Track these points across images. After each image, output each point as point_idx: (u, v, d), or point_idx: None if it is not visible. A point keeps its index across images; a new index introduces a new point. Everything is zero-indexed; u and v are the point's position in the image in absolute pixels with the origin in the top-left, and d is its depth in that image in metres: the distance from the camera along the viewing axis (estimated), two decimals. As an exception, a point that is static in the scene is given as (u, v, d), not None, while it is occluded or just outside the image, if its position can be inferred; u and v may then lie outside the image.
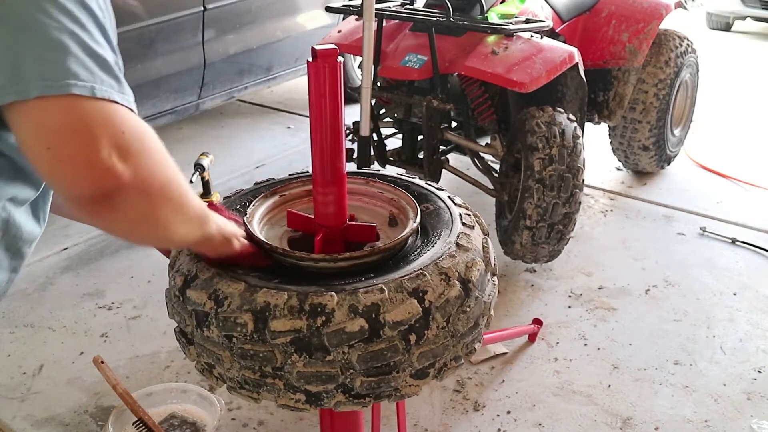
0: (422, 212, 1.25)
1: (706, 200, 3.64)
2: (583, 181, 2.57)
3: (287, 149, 4.27)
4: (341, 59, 1.09)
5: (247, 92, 4.33)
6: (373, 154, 2.89)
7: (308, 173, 1.32)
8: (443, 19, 2.55)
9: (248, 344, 1.01)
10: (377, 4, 2.63)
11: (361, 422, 1.44)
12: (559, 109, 2.64)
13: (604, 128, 3.77)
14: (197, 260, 1.11)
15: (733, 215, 3.44)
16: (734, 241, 3.18)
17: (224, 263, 1.10)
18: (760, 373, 2.34)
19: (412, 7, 2.92)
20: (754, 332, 2.55)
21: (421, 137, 2.91)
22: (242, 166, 3.99)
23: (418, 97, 2.73)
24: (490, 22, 2.63)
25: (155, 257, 1.91)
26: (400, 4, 2.97)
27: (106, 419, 1.93)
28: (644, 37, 3.27)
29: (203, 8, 3.68)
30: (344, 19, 3.29)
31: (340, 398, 1.03)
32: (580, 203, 2.62)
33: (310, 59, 1.08)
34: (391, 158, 3.04)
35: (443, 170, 2.88)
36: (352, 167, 1.40)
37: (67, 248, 3.07)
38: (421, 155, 2.93)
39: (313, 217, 1.23)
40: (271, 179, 1.45)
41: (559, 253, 2.77)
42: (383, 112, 3.16)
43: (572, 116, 2.65)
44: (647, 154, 3.65)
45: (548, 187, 2.49)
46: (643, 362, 2.38)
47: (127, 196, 0.75)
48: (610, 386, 2.26)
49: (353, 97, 3.39)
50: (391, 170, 1.90)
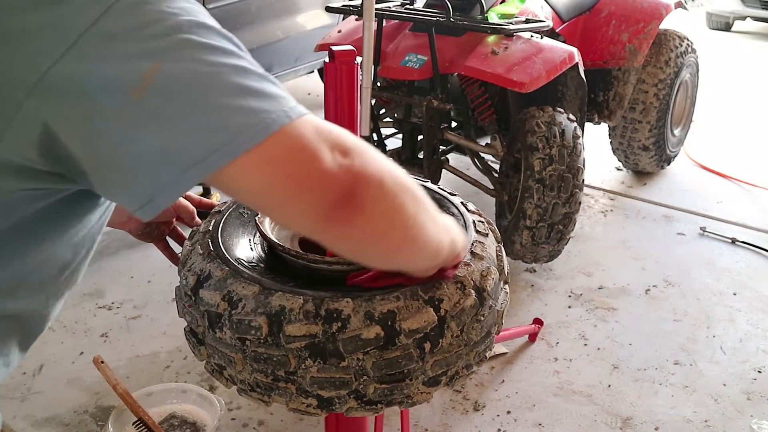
0: None
1: (706, 200, 3.64)
2: (583, 181, 2.58)
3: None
4: (359, 60, 1.08)
5: (247, 92, 4.33)
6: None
7: None
8: (443, 19, 2.55)
9: (262, 347, 0.99)
10: (377, 4, 2.63)
11: (366, 424, 1.44)
12: (559, 109, 2.64)
13: (604, 128, 3.77)
14: (211, 260, 1.08)
15: (733, 215, 3.44)
16: (734, 241, 3.18)
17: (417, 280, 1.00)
18: (760, 373, 2.34)
19: (412, 7, 2.92)
20: (754, 332, 2.55)
21: (421, 137, 2.91)
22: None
23: (418, 97, 2.72)
24: (490, 22, 2.63)
25: (155, 257, 1.91)
26: (400, 4, 2.96)
27: (106, 419, 1.93)
28: (644, 37, 3.27)
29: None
30: (344, 19, 3.29)
31: (352, 404, 1.02)
32: (580, 203, 2.62)
33: (326, 60, 1.06)
34: (391, 158, 3.03)
35: (443, 170, 2.88)
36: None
37: (67, 248, 3.07)
38: (421, 155, 2.93)
39: None
40: None
41: (559, 253, 2.77)
42: (383, 111, 3.16)
43: (572, 116, 2.65)
44: (647, 154, 3.66)
45: (548, 187, 2.49)
46: (643, 362, 2.38)
47: (367, 188, 0.74)
48: (610, 386, 2.26)
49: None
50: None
